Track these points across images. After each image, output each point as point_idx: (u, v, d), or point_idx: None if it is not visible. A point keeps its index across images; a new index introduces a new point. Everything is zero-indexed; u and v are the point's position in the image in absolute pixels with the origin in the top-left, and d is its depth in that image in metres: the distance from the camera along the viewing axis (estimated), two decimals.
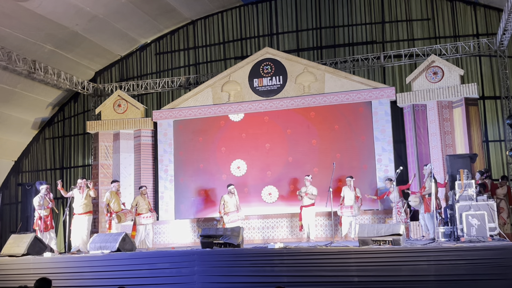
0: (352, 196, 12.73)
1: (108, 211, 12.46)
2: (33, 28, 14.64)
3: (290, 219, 14.08)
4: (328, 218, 13.50)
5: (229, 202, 13.03)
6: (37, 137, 18.78)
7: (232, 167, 15.03)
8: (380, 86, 14.33)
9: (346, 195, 12.81)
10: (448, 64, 13.92)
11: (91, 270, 10.08)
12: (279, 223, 14.18)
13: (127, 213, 12.51)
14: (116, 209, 12.45)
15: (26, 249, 10.88)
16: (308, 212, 12.96)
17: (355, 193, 12.79)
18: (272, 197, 14.65)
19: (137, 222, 12.70)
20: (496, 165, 14.63)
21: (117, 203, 12.55)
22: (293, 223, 13.97)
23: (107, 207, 12.51)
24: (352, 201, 12.68)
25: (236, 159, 15.02)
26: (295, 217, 13.80)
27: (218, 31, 17.46)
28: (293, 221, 14.00)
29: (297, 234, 13.70)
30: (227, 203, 13.01)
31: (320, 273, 8.77)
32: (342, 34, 16.34)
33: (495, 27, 14.84)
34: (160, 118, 15.72)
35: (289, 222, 14.09)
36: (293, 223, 14.00)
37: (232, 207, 13.01)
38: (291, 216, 14.07)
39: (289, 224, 14.08)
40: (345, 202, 12.78)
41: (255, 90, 15.06)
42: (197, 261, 9.53)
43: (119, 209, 12.50)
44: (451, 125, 13.59)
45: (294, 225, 13.93)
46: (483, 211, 9.63)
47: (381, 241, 9.20)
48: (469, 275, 8.01)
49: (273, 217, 14.25)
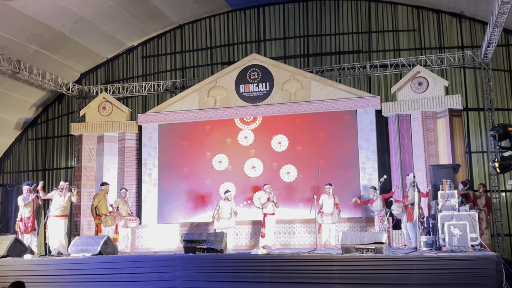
0: (332, 203, 12.70)
1: (97, 213, 12.33)
2: (19, 27, 14.52)
3: (253, 226, 14.13)
4: (309, 225, 13.55)
5: (224, 208, 12.92)
6: (19, 137, 18.58)
7: (214, 161, 15.03)
8: (366, 95, 14.43)
9: (325, 203, 12.70)
10: (433, 75, 14.06)
11: (72, 273, 10.02)
12: (242, 229, 14.14)
13: (116, 216, 12.39)
14: (104, 212, 12.35)
15: (6, 251, 10.76)
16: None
17: (334, 200, 12.79)
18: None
19: (123, 225, 12.58)
20: (478, 176, 14.78)
21: (105, 206, 12.44)
22: (255, 230, 14.04)
23: (95, 210, 12.36)
24: (331, 208, 12.64)
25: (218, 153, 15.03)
26: (257, 224, 13.85)
27: (206, 36, 17.46)
28: (252, 228, 14.10)
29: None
30: (222, 209, 12.91)
31: (303, 280, 8.79)
32: (329, 43, 16.44)
33: (480, 39, 15.05)
34: (145, 122, 15.66)
35: (251, 229, 14.14)
36: (252, 230, 14.07)
37: (226, 214, 12.89)
38: (252, 223, 14.13)
39: (253, 231, 14.11)
40: (324, 209, 12.67)
41: (242, 96, 15.08)
42: (180, 266, 9.51)
43: (107, 212, 12.39)
44: (434, 135, 13.72)
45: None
46: (465, 221, 9.71)
47: (364, 249, 9.26)
48: (450, 284, 8.10)
49: (240, 223, 14.05)
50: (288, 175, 14.52)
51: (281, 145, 14.69)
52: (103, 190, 12.71)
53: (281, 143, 14.70)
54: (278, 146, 14.72)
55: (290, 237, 13.87)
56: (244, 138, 14.98)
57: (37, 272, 10.09)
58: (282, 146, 14.68)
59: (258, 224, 13.94)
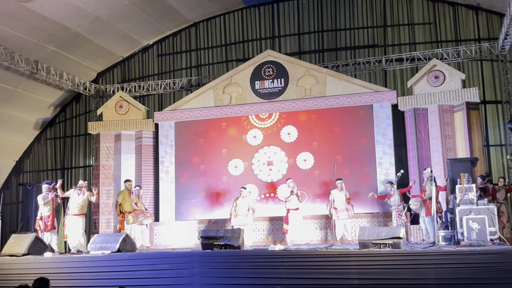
0: (343, 198, 12.64)
1: (121, 211, 12.43)
2: (36, 28, 14.69)
3: (270, 222, 14.19)
4: (321, 221, 13.58)
5: (241, 205, 12.95)
6: (38, 137, 18.80)
7: (230, 166, 15.09)
8: (382, 90, 14.36)
9: (336, 198, 12.53)
10: (450, 68, 13.94)
11: (91, 271, 10.09)
12: (260, 226, 14.19)
13: (139, 214, 12.48)
14: (128, 209, 12.45)
15: (27, 249, 10.91)
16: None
17: (346, 195, 12.74)
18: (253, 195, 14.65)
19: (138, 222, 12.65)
20: (496, 169, 14.62)
21: (129, 203, 12.53)
22: (272, 226, 14.11)
23: (119, 207, 12.46)
24: (344, 203, 12.57)
25: (234, 158, 15.09)
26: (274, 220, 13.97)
27: (220, 33, 17.49)
28: (269, 224, 14.16)
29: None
30: (239, 206, 12.94)
31: (320, 276, 8.78)
32: (344, 38, 16.36)
33: (497, 31, 14.87)
34: (162, 120, 15.75)
35: (269, 225, 14.19)
36: (270, 226, 14.14)
37: (243, 211, 12.91)
38: (270, 220, 14.20)
39: (270, 227, 14.18)
40: (337, 205, 12.53)
41: (257, 92, 15.09)
42: (197, 263, 9.54)
43: (131, 210, 12.48)
44: (452, 129, 13.61)
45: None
46: (483, 215, 9.63)
47: (382, 244, 9.23)
48: (469, 278, 8.02)
49: (258, 220, 14.13)
50: (304, 163, 14.56)
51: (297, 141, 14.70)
52: (127, 187, 12.78)
53: (296, 139, 14.70)
54: (288, 137, 14.76)
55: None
56: (256, 135, 15.05)
57: (58, 270, 10.20)
58: (299, 144, 14.68)
59: (275, 221, 14.00)
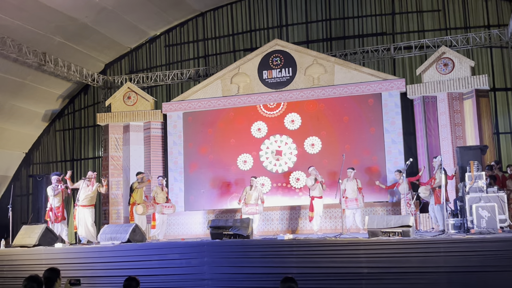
0: (354, 187, 12.58)
1: (131, 201, 12.53)
2: (43, 20, 14.69)
3: (289, 211, 14.28)
4: (330, 210, 13.59)
5: (250, 194, 12.98)
6: (47, 129, 18.88)
7: (239, 161, 15.11)
8: (390, 78, 14.28)
9: (347, 187, 12.54)
10: (459, 55, 13.83)
11: (101, 261, 10.18)
12: (271, 215, 14.31)
13: (149, 206, 12.55)
14: (138, 200, 12.52)
15: (38, 240, 11.00)
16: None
17: (357, 184, 12.67)
18: (265, 188, 14.70)
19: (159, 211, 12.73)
20: (507, 157, 14.52)
21: (140, 194, 12.60)
22: (282, 216, 14.29)
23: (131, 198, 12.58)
24: (355, 193, 12.49)
25: (243, 153, 15.10)
26: (288, 209, 14.08)
27: (228, 23, 17.42)
28: (287, 214, 14.22)
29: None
30: (248, 195, 12.98)
31: (329, 265, 8.79)
32: (352, 26, 16.25)
33: (507, 18, 14.71)
34: (170, 110, 15.77)
35: (285, 214, 14.28)
36: (289, 215, 14.21)
37: (253, 200, 12.94)
38: (289, 209, 14.30)
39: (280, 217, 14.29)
40: (348, 194, 12.51)
41: (265, 82, 15.06)
42: (207, 252, 9.58)
43: (141, 201, 12.56)
44: (461, 117, 13.52)
45: (293, 217, 14.19)
46: (493, 203, 9.60)
47: (391, 233, 9.22)
48: (479, 266, 8.00)
49: (269, 209, 14.20)
50: (312, 147, 14.59)
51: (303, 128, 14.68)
52: (138, 179, 12.85)
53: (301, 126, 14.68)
54: (292, 125, 14.77)
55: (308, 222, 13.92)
56: (261, 127, 15.07)
57: (68, 260, 10.30)
58: (305, 130, 14.66)
59: (285, 210, 14.05)
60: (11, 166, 18.50)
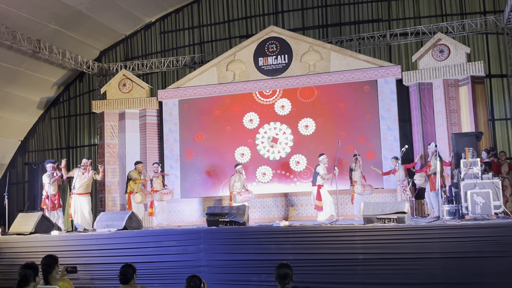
0: (359, 174, 12.67)
1: (128, 190, 12.56)
2: (38, 7, 14.58)
3: (284, 198, 14.38)
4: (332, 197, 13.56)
5: (238, 182, 13.04)
6: (42, 116, 18.83)
7: (236, 154, 15.13)
8: (386, 65, 14.25)
9: (356, 174, 12.64)
10: (455, 42, 13.80)
11: (98, 248, 10.22)
12: (273, 202, 14.45)
13: (147, 194, 12.60)
14: (136, 189, 12.57)
15: (34, 228, 11.03)
16: None
17: (360, 170, 12.74)
18: (266, 177, 14.78)
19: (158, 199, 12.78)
20: (502, 143, 14.58)
21: (138, 183, 12.72)
22: (277, 203, 14.41)
23: (128, 186, 12.65)
24: (360, 179, 12.63)
25: (240, 146, 15.13)
26: (282, 196, 14.17)
27: (223, 9, 17.33)
28: (283, 201, 14.28)
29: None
30: (236, 183, 13.03)
31: (325, 251, 8.85)
32: (348, 12, 16.20)
33: (503, 4, 14.68)
34: (165, 98, 15.73)
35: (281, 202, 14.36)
36: (284, 202, 14.29)
37: (240, 188, 13.00)
38: (283, 196, 14.41)
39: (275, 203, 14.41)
40: (359, 180, 12.61)
41: (260, 69, 15.02)
42: (203, 239, 9.63)
43: (138, 190, 12.62)
44: (457, 103, 13.53)
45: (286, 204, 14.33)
46: (488, 189, 9.65)
47: (386, 219, 9.27)
48: (473, 252, 8.06)
49: (266, 196, 14.39)
50: (306, 129, 14.64)
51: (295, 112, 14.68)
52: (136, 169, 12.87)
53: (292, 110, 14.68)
54: (282, 110, 14.72)
55: (306, 209, 13.93)
56: (253, 118, 15.08)
57: (65, 248, 10.33)
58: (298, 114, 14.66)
59: (279, 197, 14.08)
60: (6, 154, 18.46)
